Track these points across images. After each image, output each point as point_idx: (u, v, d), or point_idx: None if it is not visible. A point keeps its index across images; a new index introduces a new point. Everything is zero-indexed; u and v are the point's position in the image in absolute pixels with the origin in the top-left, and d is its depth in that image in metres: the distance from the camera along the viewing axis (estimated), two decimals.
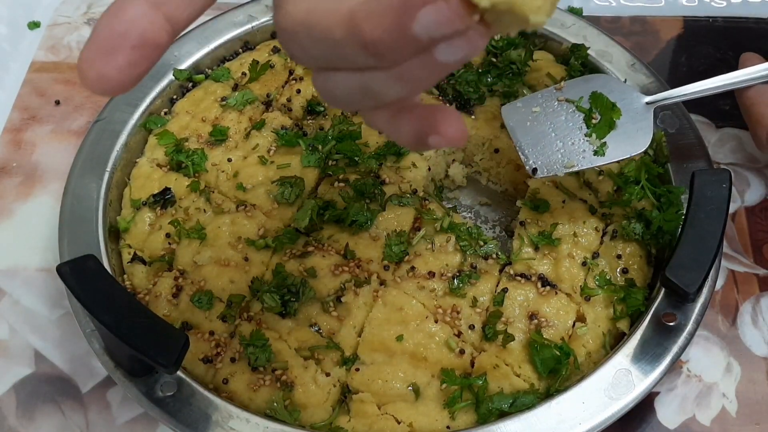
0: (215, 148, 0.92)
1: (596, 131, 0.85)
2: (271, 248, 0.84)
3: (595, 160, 0.84)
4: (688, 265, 0.75)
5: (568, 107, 0.88)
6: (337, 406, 0.76)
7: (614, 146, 0.85)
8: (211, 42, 1.01)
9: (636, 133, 0.85)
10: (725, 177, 0.79)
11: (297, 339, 0.79)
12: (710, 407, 0.82)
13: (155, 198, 0.88)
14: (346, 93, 0.48)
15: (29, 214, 0.97)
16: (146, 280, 0.84)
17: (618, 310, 0.80)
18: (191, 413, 0.73)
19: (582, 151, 0.85)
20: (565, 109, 0.88)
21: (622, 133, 0.85)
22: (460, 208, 0.95)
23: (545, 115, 0.88)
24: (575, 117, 0.87)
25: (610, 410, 0.72)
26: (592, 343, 0.79)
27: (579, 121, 0.86)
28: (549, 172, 0.85)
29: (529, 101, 0.89)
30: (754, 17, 1.15)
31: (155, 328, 0.70)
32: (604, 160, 0.84)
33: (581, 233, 0.84)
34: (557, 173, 0.85)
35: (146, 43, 0.52)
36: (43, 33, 1.16)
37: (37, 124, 1.06)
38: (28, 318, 0.89)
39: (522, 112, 0.88)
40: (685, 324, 0.77)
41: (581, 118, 0.86)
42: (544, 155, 0.85)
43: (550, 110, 0.88)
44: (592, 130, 0.85)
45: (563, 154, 0.85)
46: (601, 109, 0.86)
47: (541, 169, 0.85)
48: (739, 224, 0.95)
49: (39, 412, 0.83)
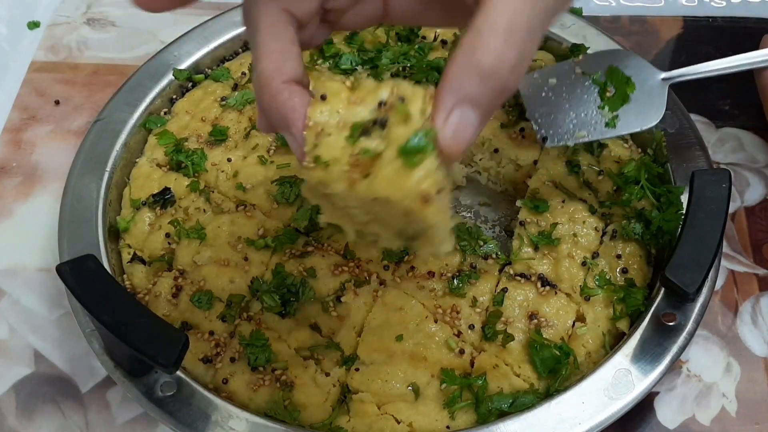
0: (215, 148, 0.92)
1: (609, 104, 0.86)
2: (271, 248, 0.84)
3: (606, 132, 0.85)
4: (687, 265, 0.75)
5: (584, 80, 0.88)
6: (336, 406, 0.76)
7: (626, 119, 0.86)
8: (210, 42, 1.01)
9: (649, 108, 0.86)
10: (725, 177, 0.79)
11: (297, 339, 0.79)
12: (710, 407, 0.82)
13: (155, 198, 0.88)
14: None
15: (29, 214, 0.97)
16: (146, 279, 0.84)
17: (618, 309, 0.80)
18: (191, 413, 0.73)
19: (594, 122, 0.86)
20: (581, 81, 0.88)
21: (635, 107, 0.86)
22: (459, 208, 0.95)
23: (561, 86, 0.89)
24: (590, 90, 0.88)
25: (609, 410, 0.72)
26: (592, 342, 0.79)
27: (594, 93, 0.87)
28: (559, 141, 0.86)
29: (547, 73, 0.90)
30: (753, 17, 1.15)
31: (155, 328, 0.70)
32: (614, 132, 0.85)
33: (581, 233, 0.84)
34: (567, 143, 0.86)
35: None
36: (42, 33, 1.16)
37: (36, 124, 1.05)
38: (27, 318, 0.89)
39: (538, 83, 0.89)
40: (684, 324, 0.77)
41: (596, 91, 0.87)
42: (556, 125, 0.86)
43: (566, 82, 0.89)
44: (605, 102, 0.86)
45: (575, 125, 0.86)
46: (616, 82, 0.87)
47: (552, 138, 0.86)
48: (738, 224, 0.95)
49: (39, 412, 0.82)
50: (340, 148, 0.55)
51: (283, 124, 0.57)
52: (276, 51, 0.57)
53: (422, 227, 0.58)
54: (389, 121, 0.54)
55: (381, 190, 0.54)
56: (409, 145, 0.53)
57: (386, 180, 0.54)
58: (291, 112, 0.56)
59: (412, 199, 0.54)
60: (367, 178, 0.54)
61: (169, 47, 1.01)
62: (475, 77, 0.54)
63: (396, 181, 0.54)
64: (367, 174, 0.54)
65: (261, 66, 0.57)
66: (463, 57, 0.54)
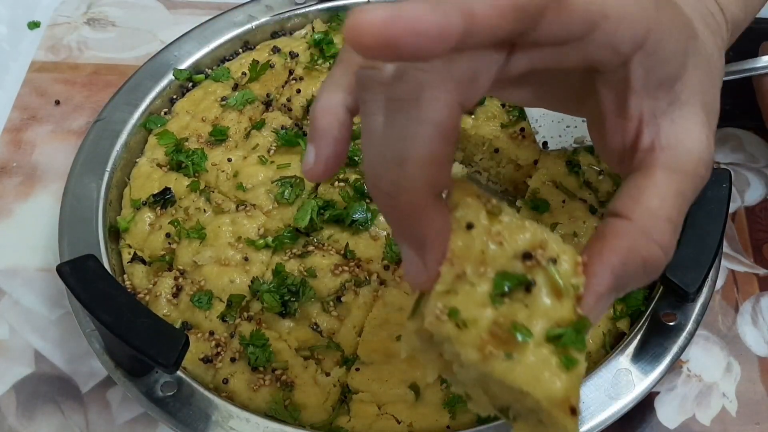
0: (215, 148, 0.92)
1: None
2: (271, 248, 0.84)
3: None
4: (688, 265, 0.75)
5: None
6: (336, 406, 0.76)
7: None
8: (211, 42, 1.01)
9: None
10: (725, 177, 0.79)
11: (297, 339, 0.79)
12: (710, 407, 0.82)
13: (155, 198, 0.88)
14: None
15: (29, 214, 0.97)
16: (146, 279, 0.84)
17: (618, 309, 0.80)
18: (191, 413, 0.73)
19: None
20: None
21: None
22: None
23: None
24: None
25: (609, 410, 0.72)
26: (592, 342, 0.78)
27: None
28: (559, 145, 0.86)
29: None
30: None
31: (155, 327, 0.70)
32: None
33: (581, 233, 0.84)
34: (567, 148, 0.86)
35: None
36: (42, 33, 1.16)
37: (37, 124, 1.05)
38: (27, 318, 0.89)
39: None
40: (685, 324, 0.77)
41: None
42: (557, 129, 0.87)
43: None
44: None
45: (576, 130, 0.86)
46: None
47: (552, 142, 0.86)
48: (739, 224, 0.94)
49: (39, 412, 0.82)
50: (482, 306, 0.44)
51: (414, 242, 0.45)
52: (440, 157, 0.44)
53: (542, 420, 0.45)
54: (536, 285, 0.44)
55: (523, 382, 0.43)
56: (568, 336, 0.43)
57: (531, 370, 0.43)
58: (432, 234, 0.45)
59: (557, 407, 0.43)
60: (509, 360, 0.43)
61: (169, 47, 1.01)
62: (640, 265, 0.48)
63: (542, 375, 0.43)
64: (509, 352, 0.43)
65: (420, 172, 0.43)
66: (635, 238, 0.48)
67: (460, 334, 0.43)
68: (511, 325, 0.43)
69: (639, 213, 0.48)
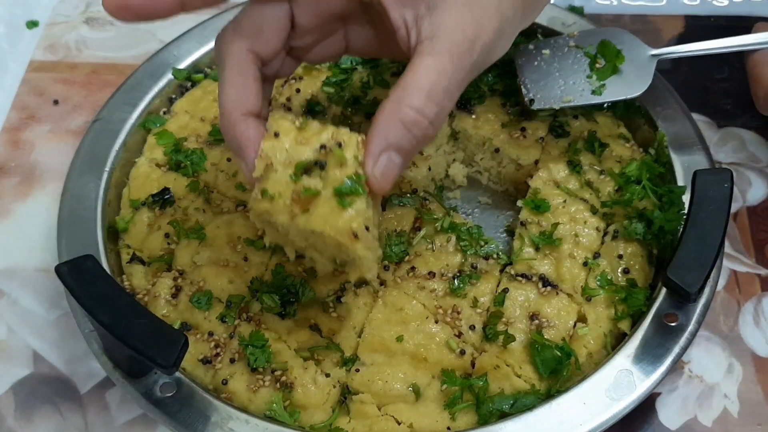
0: (214, 148, 0.92)
1: (598, 73, 0.91)
2: (271, 248, 0.83)
3: (592, 98, 0.90)
4: (689, 265, 0.74)
5: (576, 52, 0.93)
6: (337, 407, 0.76)
7: (612, 88, 0.90)
8: (210, 41, 1.01)
9: (635, 80, 0.91)
10: (727, 176, 0.79)
11: (296, 340, 0.78)
12: (712, 408, 0.81)
13: (154, 198, 0.88)
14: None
15: (28, 214, 0.97)
16: (145, 280, 0.84)
17: (619, 310, 0.79)
18: (190, 414, 0.72)
19: (581, 90, 0.90)
20: (574, 54, 0.93)
21: (622, 78, 0.91)
22: (460, 208, 0.95)
23: (554, 57, 0.93)
24: (581, 61, 0.92)
25: (611, 411, 0.72)
26: (594, 343, 0.78)
27: (584, 64, 0.92)
28: (546, 104, 0.90)
29: (542, 45, 0.95)
30: (755, 16, 1.14)
31: (154, 328, 0.70)
32: (600, 98, 0.90)
33: (582, 233, 0.84)
34: (553, 106, 0.90)
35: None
36: (41, 32, 1.15)
37: (35, 123, 1.05)
38: (26, 318, 0.89)
39: (533, 54, 0.94)
40: (686, 324, 0.76)
41: (587, 63, 0.92)
42: (545, 90, 0.91)
43: (559, 54, 0.93)
44: (593, 72, 0.91)
45: (563, 91, 0.90)
46: (607, 55, 0.91)
47: (539, 101, 0.90)
48: (740, 224, 0.94)
49: (37, 413, 0.82)
50: (285, 184, 0.64)
51: (238, 152, 0.66)
52: (238, 86, 0.66)
53: (351, 257, 0.67)
54: (328, 163, 0.64)
55: (317, 225, 0.63)
56: (343, 187, 0.63)
57: (322, 217, 0.63)
58: (246, 141, 0.65)
59: (343, 235, 0.63)
60: (306, 214, 0.64)
61: (168, 46, 1.01)
62: (400, 127, 0.64)
63: (330, 218, 0.63)
64: (306, 209, 0.64)
65: (223, 99, 0.66)
66: (391, 109, 0.64)
67: (270, 205, 0.64)
68: (305, 191, 0.63)
69: (393, 90, 0.64)
